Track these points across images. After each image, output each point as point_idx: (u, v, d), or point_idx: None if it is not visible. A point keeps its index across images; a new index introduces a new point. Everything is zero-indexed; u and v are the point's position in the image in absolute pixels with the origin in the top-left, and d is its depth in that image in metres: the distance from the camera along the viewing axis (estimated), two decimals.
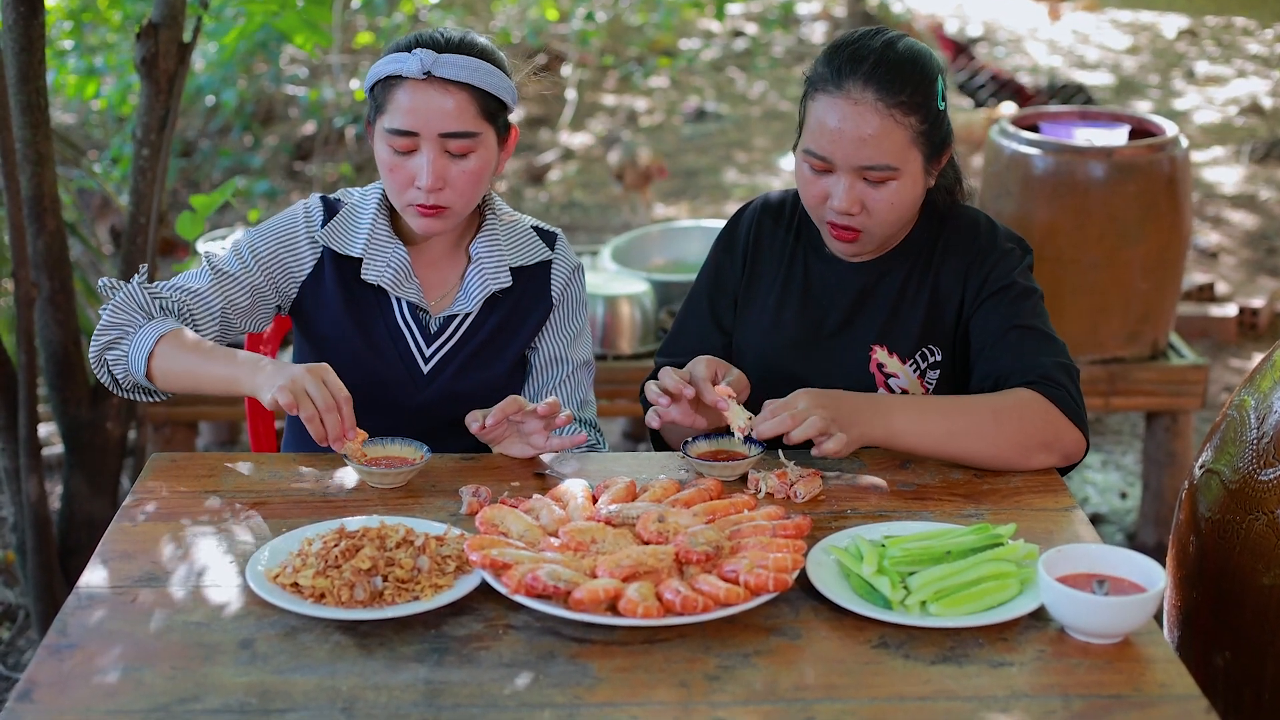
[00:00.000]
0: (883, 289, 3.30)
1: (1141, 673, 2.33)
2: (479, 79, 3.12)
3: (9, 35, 4.09)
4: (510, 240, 3.35)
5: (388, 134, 3.13)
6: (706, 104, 11.50)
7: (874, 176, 3.09)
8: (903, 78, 3.07)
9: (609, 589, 2.41)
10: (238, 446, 5.95)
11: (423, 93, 3.10)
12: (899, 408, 3.03)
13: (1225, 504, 3.02)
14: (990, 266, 3.24)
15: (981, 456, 3.03)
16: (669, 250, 6.05)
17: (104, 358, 3.16)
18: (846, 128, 3.06)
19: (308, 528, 2.74)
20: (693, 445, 3.07)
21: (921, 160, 3.13)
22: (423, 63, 3.07)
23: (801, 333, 3.33)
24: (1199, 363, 5.35)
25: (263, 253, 3.27)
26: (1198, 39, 13.78)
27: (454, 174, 3.14)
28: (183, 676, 2.31)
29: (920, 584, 2.51)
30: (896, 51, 3.09)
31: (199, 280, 3.24)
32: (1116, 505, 5.95)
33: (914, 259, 3.30)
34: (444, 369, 3.31)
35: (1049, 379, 3.06)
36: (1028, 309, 3.20)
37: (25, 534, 4.50)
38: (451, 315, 3.31)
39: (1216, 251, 8.44)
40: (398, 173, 3.14)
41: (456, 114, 3.11)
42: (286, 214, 3.32)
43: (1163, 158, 5.15)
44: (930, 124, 3.11)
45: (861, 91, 3.05)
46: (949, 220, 3.32)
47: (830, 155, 3.09)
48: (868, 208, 3.12)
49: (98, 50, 9.20)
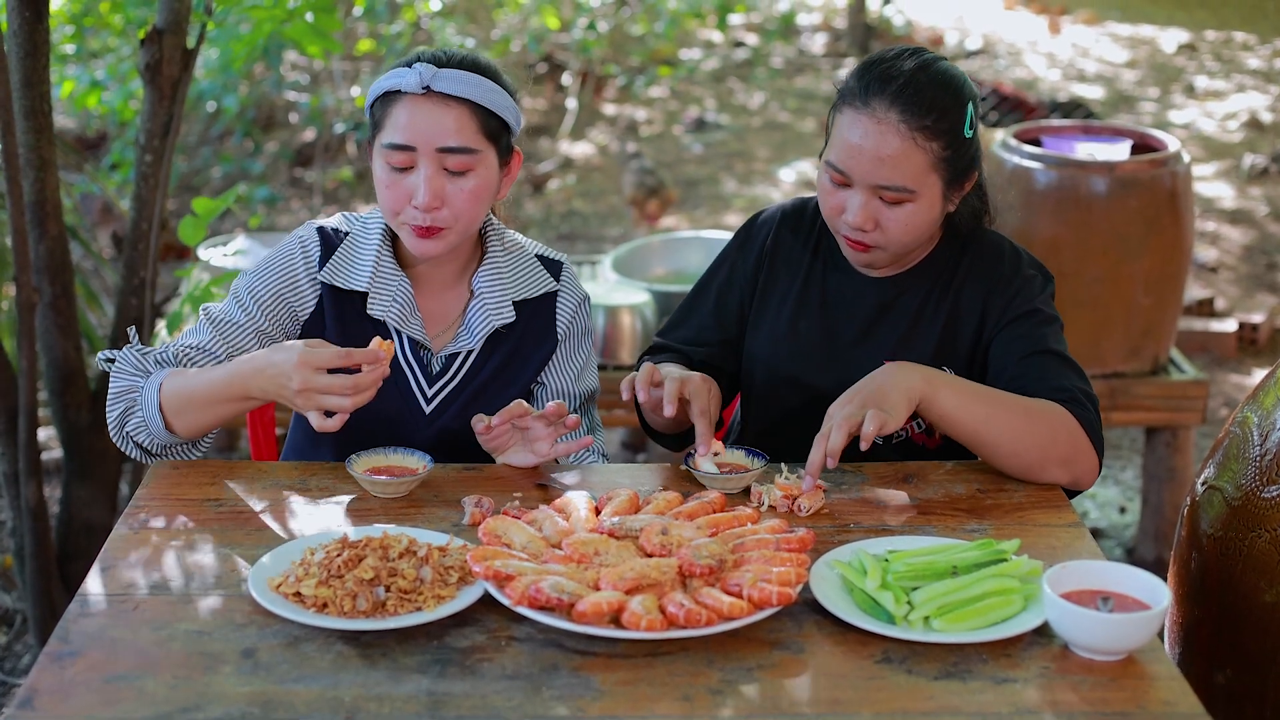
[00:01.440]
0: (900, 305, 3.30)
1: (1145, 690, 2.33)
2: (479, 95, 3.07)
3: (13, 40, 4.09)
4: (514, 272, 3.29)
5: (385, 149, 3.08)
6: (707, 114, 11.50)
7: (889, 196, 3.09)
8: (929, 101, 3.07)
9: (612, 601, 2.41)
10: (237, 454, 5.94)
11: (421, 107, 3.05)
12: (940, 375, 3.00)
13: (1228, 521, 3.01)
14: (1013, 293, 3.24)
15: (1005, 451, 3.01)
16: (670, 261, 6.05)
17: (125, 430, 3.08)
18: (867, 145, 3.06)
19: (310, 537, 2.74)
20: (695, 458, 3.06)
21: (941, 185, 3.12)
22: (421, 77, 3.03)
23: (816, 343, 3.34)
24: (1200, 378, 5.34)
25: (264, 295, 3.19)
26: (1197, 53, 13.78)
27: (451, 192, 3.07)
28: (185, 685, 2.30)
29: (924, 599, 2.51)
30: (928, 74, 3.09)
31: (200, 335, 3.16)
32: (1115, 520, 5.95)
33: (934, 279, 3.30)
34: (446, 409, 3.25)
35: (1076, 400, 3.06)
36: (1050, 335, 3.21)
37: (24, 539, 4.49)
38: (454, 354, 3.25)
39: (1216, 266, 8.43)
40: (394, 190, 3.08)
41: (456, 129, 3.05)
42: (282, 252, 3.24)
43: (1165, 173, 5.15)
44: (954, 150, 3.10)
45: (886, 111, 3.05)
46: (972, 244, 3.32)
47: (849, 170, 3.09)
48: (881, 226, 3.12)
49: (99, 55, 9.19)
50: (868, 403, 2.90)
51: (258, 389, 2.93)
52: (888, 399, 2.91)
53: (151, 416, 3.02)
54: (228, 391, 2.97)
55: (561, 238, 9.04)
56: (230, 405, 3.00)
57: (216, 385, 2.98)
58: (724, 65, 13.08)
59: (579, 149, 10.75)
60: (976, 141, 3.18)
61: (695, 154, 10.67)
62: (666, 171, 9.70)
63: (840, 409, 2.91)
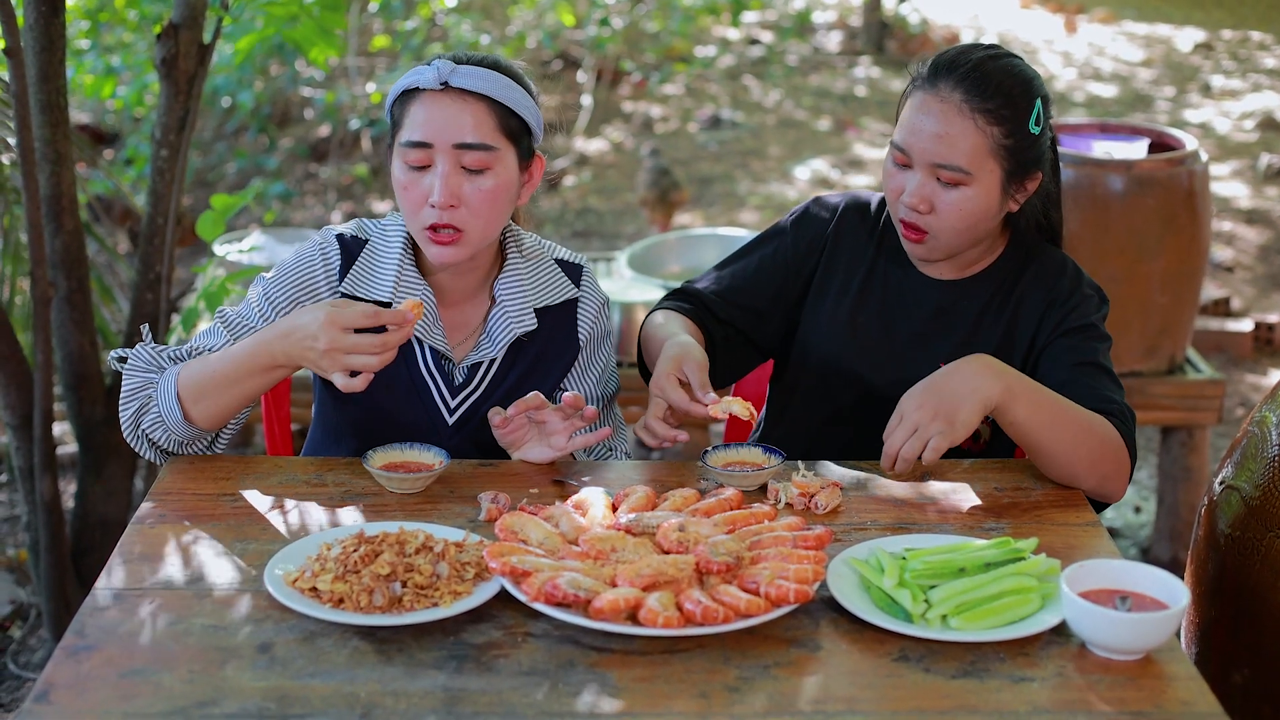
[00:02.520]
0: (960, 310, 3.31)
1: (1163, 690, 2.32)
2: (497, 91, 3.03)
3: (30, 34, 4.09)
4: (535, 279, 3.24)
5: (402, 148, 3.03)
6: (722, 111, 11.49)
7: (946, 176, 3.10)
8: (994, 86, 3.10)
9: (629, 598, 2.40)
10: (252, 449, 5.94)
11: (438, 103, 3.01)
12: (1018, 382, 2.97)
13: (1245, 520, 3.01)
14: (1070, 307, 3.25)
15: (1060, 461, 3.00)
16: (685, 258, 6.05)
17: (140, 428, 3.06)
18: (928, 123, 3.11)
19: (326, 532, 2.74)
20: (712, 455, 3.06)
21: (1000, 175, 3.13)
22: (439, 73, 2.99)
23: (875, 339, 3.34)
24: (1216, 377, 5.33)
25: (281, 303, 3.14)
26: (1213, 52, 13.75)
27: (469, 192, 3.01)
28: (200, 680, 2.30)
29: (941, 597, 2.50)
30: (997, 63, 3.14)
31: (213, 338, 3.12)
32: (1131, 519, 5.93)
33: (995, 288, 3.31)
34: (470, 420, 3.22)
35: (1119, 414, 3.06)
36: (1101, 350, 3.21)
37: (38, 533, 4.50)
38: (476, 364, 3.21)
39: (1232, 266, 8.42)
40: (411, 191, 3.02)
41: (473, 125, 3.00)
42: (302, 259, 3.18)
43: (1182, 171, 5.14)
44: (1016, 140, 3.12)
45: (951, 91, 3.10)
46: (1035, 258, 3.32)
47: (909, 148, 3.13)
48: (936, 209, 3.13)
49: (114, 50, 9.20)
50: (940, 410, 2.89)
51: (282, 354, 2.90)
52: (960, 410, 2.89)
53: (169, 409, 2.99)
54: (252, 363, 2.94)
55: (576, 235, 9.03)
56: (255, 379, 2.97)
57: (240, 359, 2.95)
58: (739, 63, 13.07)
59: (594, 146, 10.75)
60: (1044, 141, 3.20)
61: (710, 151, 10.66)
62: (681, 169, 9.69)
63: (914, 411, 2.91)
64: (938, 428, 2.88)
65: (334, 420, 3.28)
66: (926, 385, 2.95)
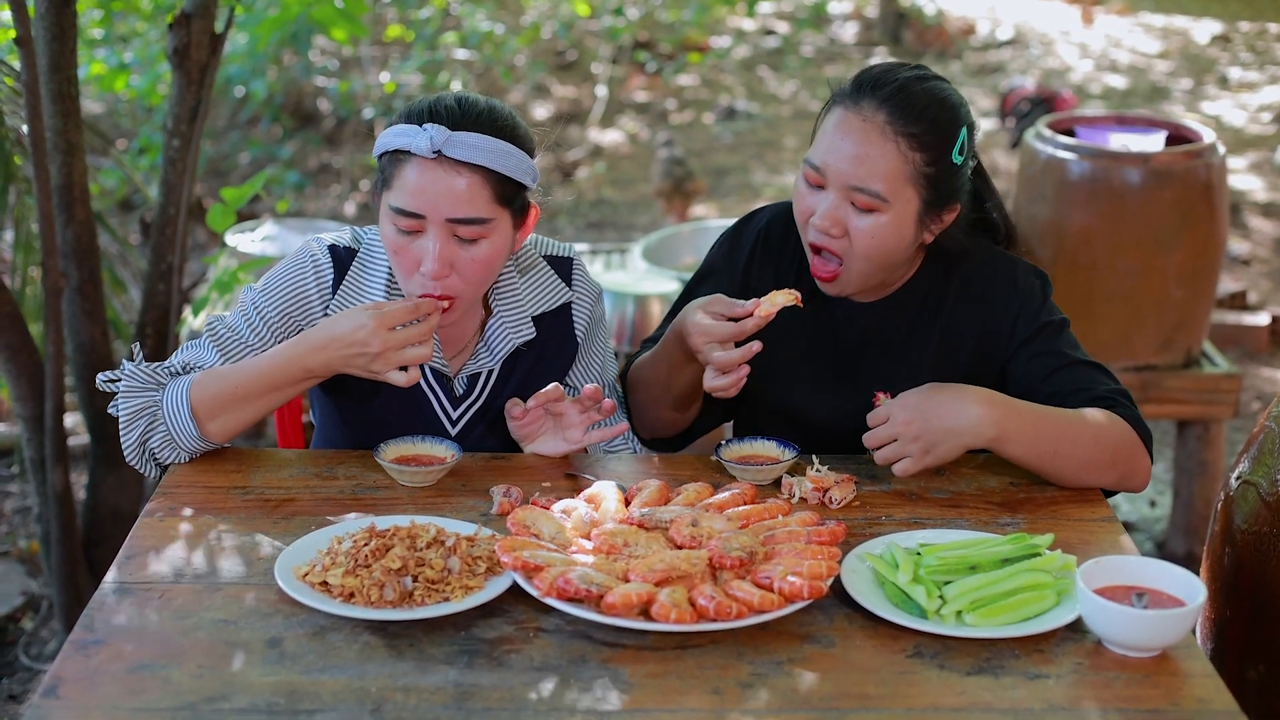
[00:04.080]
0: (887, 332, 3.21)
1: (1179, 687, 2.31)
2: (494, 161, 2.89)
3: (41, 24, 4.08)
4: (529, 286, 3.19)
5: (392, 212, 2.90)
6: (737, 103, 11.47)
7: (861, 201, 2.97)
8: (920, 111, 2.98)
9: (642, 593, 2.39)
10: (264, 441, 5.93)
11: (431, 172, 2.86)
12: (1014, 418, 2.91)
13: (1262, 516, 2.99)
14: (1016, 312, 3.15)
15: (1069, 477, 2.98)
16: (699, 250, 6.03)
17: (147, 447, 3.02)
18: (848, 143, 2.97)
19: (337, 526, 2.73)
20: (726, 449, 3.04)
21: (918, 204, 3.01)
22: (433, 141, 2.84)
23: (804, 370, 3.26)
24: (1232, 371, 5.31)
25: (271, 316, 3.08)
26: (1231, 45, 13.71)
27: (462, 261, 2.92)
28: (210, 675, 2.29)
29: (956, 593, 2.49)
30: (924, 86, 3.01)
31: (202, 353, 3.06)
32: (1146, 514, 5.92)
33: (920, 304, 3.21)
34: (472, 430, 3.20)
35: (1119, 404, 3.02)
36: (1065, 343, 3.13)
37: (50, 524, 4.50)
38: (475, 374, 3.18)
39: (1249, 259, 8.39)
40: (403, 255, 2.92)
41: (468, 198, 2.88)
42: (293, 271, 3.10)
43: (1199, 164, 5.12)
44: (938, 170, 3.00)
45: (875, 111, 2.97)
46: (958, 265, 3.19)
47: (825, 168, 3.00)
48: (849, 233, 3.00)
49: (127, 39, 9.20)
50: (923, 434, 2.84)
51: (321, 365, 2.89)
52: (941, 444, 2.85)
53: (182, 426, 2.96)
54: (282, 377, 2.93)
55: (591, 225, 9.03)
56: (283, 392, 2.96)
57: (265, 374, 2.93)
58: (754, 54, 13.05)
59: (609, 137, 10.74)
60: (966, 172, 3.08)
61: (725, 143, 10.65)
62: (696, 160, 9.68)
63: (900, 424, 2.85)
64: (914, 449, 2.85)
65: (335, 437, 3.26)
66: (921, 401, 2.88)
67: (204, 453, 3.07)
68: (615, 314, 5.25)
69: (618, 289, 5.30)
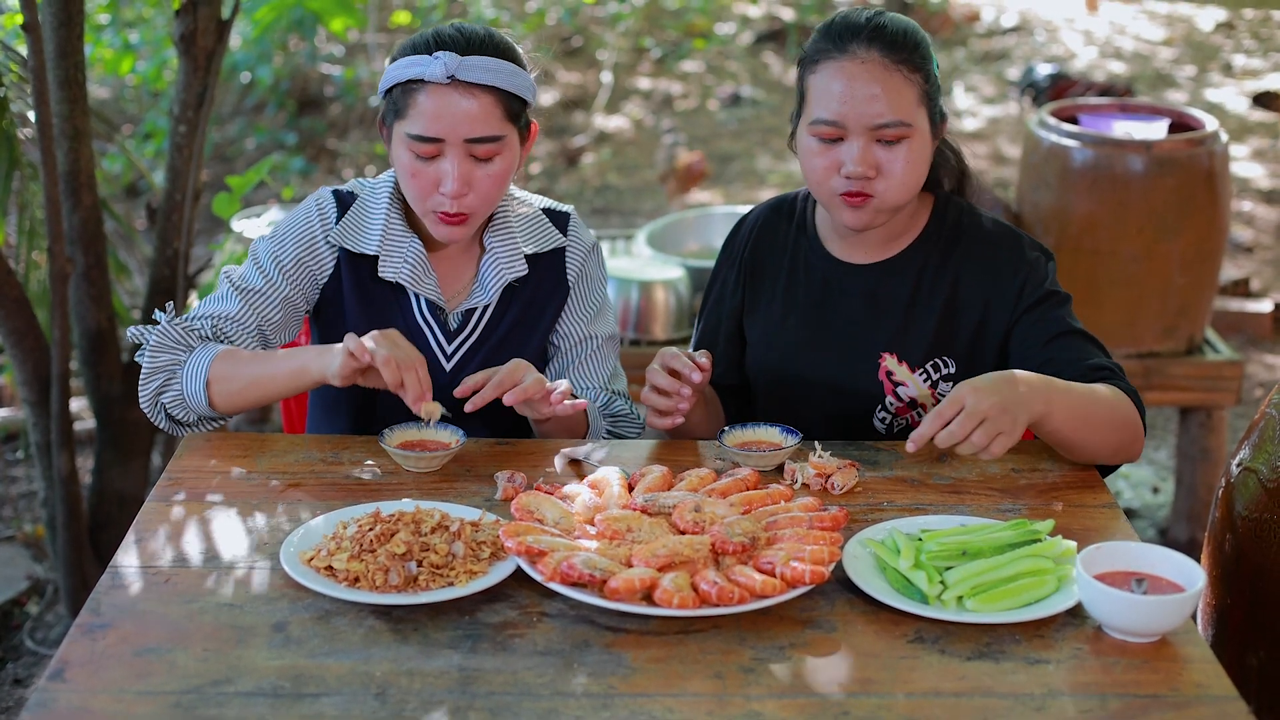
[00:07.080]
0: (891, 293, 3.26)
1: (1179, 673, 2.32)
2: (504, 81, 3.06)
3: (48, 10, 4.09)
4: (524, 227, 3.31)
5: (410, 139, 3.06)
6: (742, 89, 11.46)
7: (888, 134, 3.06)
8: (902, 38, 3.08)
9: (644, 578, 2.40)
10: (270, 426, 5.94)
11: (446, 97, 3.02)
12: (1059, 391, 2.89)
13: (1263, 503, 3.00)
14: (1021, 282, 3.19)
15: (1089, 453, 3.00)
16: (704, 236, 6.04)
17: (159, 402, 3.10)
18: (857, 87, 3.05)
19: (342, 510, 2.74)
20: (729, 434, 3.05)
21: (929, 123, 3.12)
22: (446, 66, 3.00)
23: (808, 336, 3.31)
24: (1235, 358, 5.31)
25: (286, 261, 3.21)
26: (1235, 32, 13.69)
27: (479, 178, 3.08)
28: (215, 658, 2.30)
29: (957, 579, 2.50)
30: (889, 18, 3.11)
31: (227, 303, 3.18)
32: (1149, 500, 5.92)
33: (922, 265, 3.25)
34: (466, 365, 3.25)
35: (1116, 375, 3.05)
36: (1067, 314, 3.18)
37: (56, 509, 4.51)
38: (470, 310, 3.27)
39: (1252, 247, 8.39)
40: (420, 178, 3.08)
41: (483, 118, 3.04)
42: (300, 215, 3.26)
43: (1202, 152, 5.12)
44: (931, 84, 3.12)
45: (867, 51, 3.06)
46: (964, 230, 3.27)
47: (843, 118, 3.06)
48: (883, 171, 3.08)
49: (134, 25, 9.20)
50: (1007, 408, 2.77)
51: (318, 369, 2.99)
52: (1019, 415, 2.80)
53: (194, 391, 3.04)
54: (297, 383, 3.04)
55: (595, 212, 9.02)
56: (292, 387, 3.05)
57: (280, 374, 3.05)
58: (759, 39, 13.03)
59: (613, 123, 10.73)
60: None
61: (730, 129, 10.64)
62: (701, 146, 9.67)
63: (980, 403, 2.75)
64: (1006, 423, 2.76)
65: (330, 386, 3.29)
66: (982, 384, 2.81)
67: (210, 420, 3.14)
68: (620, 300, 5.24)
69: (623, 275, 5.29)
